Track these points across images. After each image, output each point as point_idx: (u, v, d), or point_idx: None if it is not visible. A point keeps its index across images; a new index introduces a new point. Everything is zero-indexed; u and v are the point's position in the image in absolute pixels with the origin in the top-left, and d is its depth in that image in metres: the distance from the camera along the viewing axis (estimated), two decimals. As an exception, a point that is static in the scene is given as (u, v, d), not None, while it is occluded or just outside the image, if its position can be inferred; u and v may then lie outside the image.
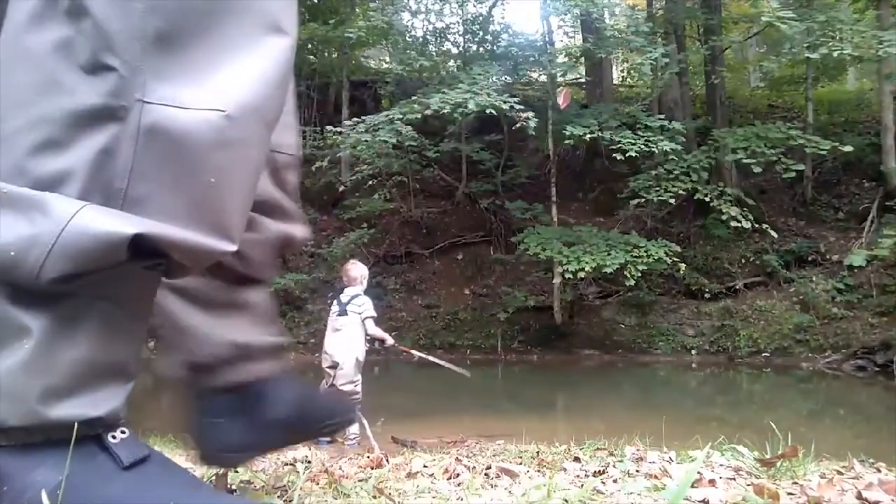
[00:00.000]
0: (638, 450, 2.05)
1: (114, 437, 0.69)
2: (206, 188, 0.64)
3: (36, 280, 0.59)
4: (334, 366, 4.61)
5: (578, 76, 18.23)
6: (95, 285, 0.63)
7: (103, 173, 0.61)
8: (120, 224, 0.60)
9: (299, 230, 1.09)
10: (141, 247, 0.61)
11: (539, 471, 1.74)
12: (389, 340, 5.07)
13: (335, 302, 4.87)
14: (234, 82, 0.64)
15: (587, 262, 10.13)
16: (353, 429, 4.54)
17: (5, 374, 0.61)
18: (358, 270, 4.96)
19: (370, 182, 14.04)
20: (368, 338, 4.83)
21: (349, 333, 4.69)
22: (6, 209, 0.60)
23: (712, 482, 1.41)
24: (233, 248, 0.69)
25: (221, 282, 1.02)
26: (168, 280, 0.80)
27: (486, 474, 1.57)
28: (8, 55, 0.64)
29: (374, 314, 4.85)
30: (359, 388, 4.71)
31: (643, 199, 11.05)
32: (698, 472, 1.42)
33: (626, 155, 10.13)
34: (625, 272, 10.15)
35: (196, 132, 0.62)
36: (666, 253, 10.31)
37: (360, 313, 4.73)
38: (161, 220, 0.62)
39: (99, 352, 0.65)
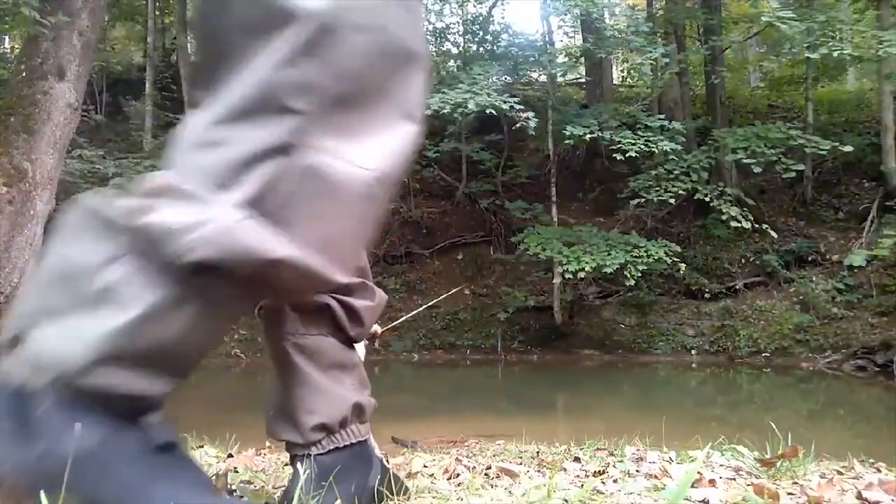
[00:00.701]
0: (638, 450, 2.05)
1: (151, 420, 0.75)
2: (343, 229, 0.78)
3: (176, 259, 0.68)
4: None
5: (578, 76, 18.22)
6: (213, 286, 0.71)
7: (265, 195, 0.72)
8: (273, 244, 0.71)
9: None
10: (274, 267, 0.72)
11: (539, 471, 1.74)
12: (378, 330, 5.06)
13: None
14: (381, 150, 0.79)
15: (587, 262, 10.13)
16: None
17: (98, 331, 0.68)
18: None
19: (370, 182, 14.03)
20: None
21: None
22: (182, 201, 0.70)
23: (712, 482, 1.41)
24: (344, 280, 0.86)
25: (341, 343, 1.14)
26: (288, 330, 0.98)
27: (486, 474, 1.57)
28: None
29: None
30: None
31: (643, 199, 11.05)
32: (698, 472, 1.42)
33: (626, 155, 10.13)
34: (625, 272, 10.15)
35: (349, 182, 0.75)
36: (666, 253, 10.31)
37: None
38: (299, 246, 0.73)
39: (178, 342, 0.72)
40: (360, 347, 4.22)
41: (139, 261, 0.69)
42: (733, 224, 10.39)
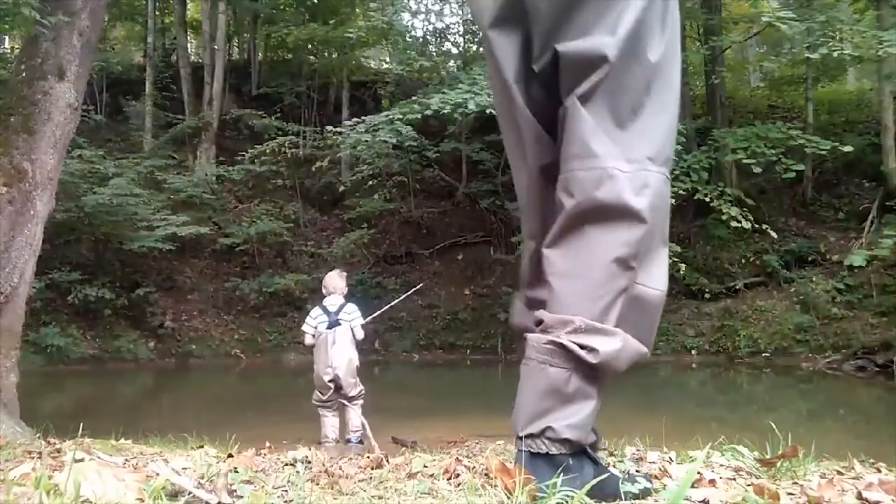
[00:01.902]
0: (638, 450, 2.05)
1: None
2: (652, 327, 1.23)
3: (602, 368, 1.18)
4: (336, 378, 4.61)
5: (578, 76, 18.20)
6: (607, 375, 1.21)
7: (626, 316, 1.19)
8: (639, 347, 1.20)
9: None
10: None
11: (539, 471, 1.74)
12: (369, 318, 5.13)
13: (321, 312, 4.80)
14: (661, 273, 1.23)
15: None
16: (364, 426, 4.62)
17: (585, 417, 1.20)
18: (343, 279, 5.01)
19: (370, 182, 14.04)
20: (359, 341, 4.84)
21: (345, 343, 4.70)
22: (602, 335, 1.17)
23: (712, 482, 1.41)
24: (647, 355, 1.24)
25: None
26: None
27: (486, 474, 1.57)
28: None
29: (363, 320, 4.87)
30: (362, 387, 4.76)
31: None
32: (698, 472, 1.42)
33: (626, 155, 10.10)
34: (625, 272, 10.12)
35: (656, 302, 1.22)
36: (666, 253, 10.29)
37: (350, 321, 4.75)
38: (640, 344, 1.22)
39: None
40: (357, 409, 4.16)
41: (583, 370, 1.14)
42: (733, 224, 10.38)
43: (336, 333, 4.68)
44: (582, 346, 1.11)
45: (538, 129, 1.24)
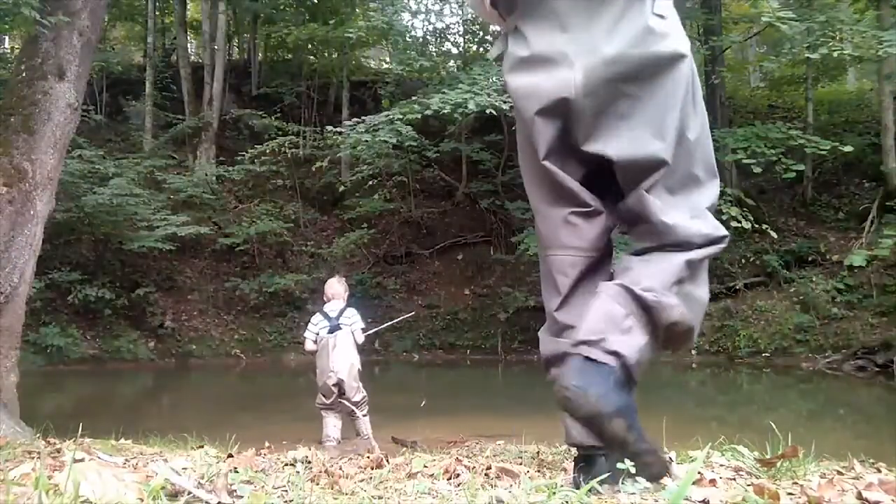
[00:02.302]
0: (638, 450, 2.05)
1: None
2: (699, 318, 1.45)
3: (662, 323, 1.37)
4: (339, 382, 4.62)
5: (578, 76, 18.19)
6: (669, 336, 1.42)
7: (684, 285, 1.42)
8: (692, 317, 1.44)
9: None
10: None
11: (539, 471, 1.74)
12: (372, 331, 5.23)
13: (322, 318, 4.83)
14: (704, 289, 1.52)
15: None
16: (367, 426, 4.66)
17: (639, 343, 1.36)
18: (343, 285, 5.06)
19: (370, 182, 14.04)
20: (359, 345, 4.88)
21: (346, 347, 4.72)
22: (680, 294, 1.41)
23: (712, 482, 1.41)
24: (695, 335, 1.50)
25: None
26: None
27: (486, 474, 1.57)
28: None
29: (363, 325, 4.90)
30: (365, 393, 4.80)
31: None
32: (698, 472, 1.42)
33: (626, 155, 10.10)
34: (625, 272, 10.12)
35: (702, 302, 1.47)
36: (666, 253, 10.29)
37: (351, 326, 4.78)
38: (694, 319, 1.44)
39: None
40: (366, 421, 4.19)
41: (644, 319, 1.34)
42: (733, 224, 10.36)
43: (337, 338, 4.70)
44: (645, 290, 1.33)
45: (567, 180, 1.45)
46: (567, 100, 1.36)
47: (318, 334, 4.78)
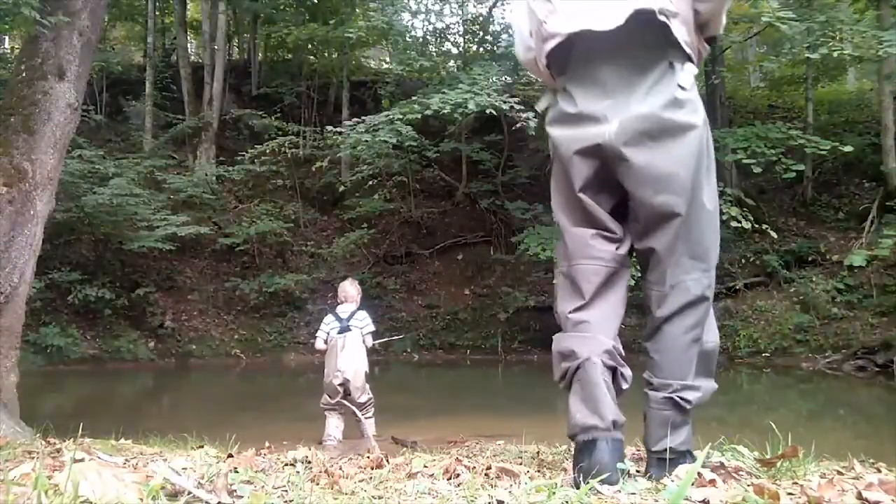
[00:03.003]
0: (638, 450, 2.05)
1: None
2: (714, 365, 1.76)
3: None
4: (345, 382, 4.68)
5: (578, 76, 18.18)
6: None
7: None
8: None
9: None
10: None
11: (539, 471, 1.74)
12: (376, 342, 5.23)
13: (333, 319, 4.90)
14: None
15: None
16: (371, 429, 4.70)
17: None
18: (356, 288, 5.15)
19: (370, 182, 14.03)
20: (368, 349, 4.93)
21: (354, 348, 4.78)
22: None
23: (712, 482, 1.41)
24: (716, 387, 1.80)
25: None
26: None
27: (486, 474, 1.57)
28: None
29: (374, 328, 4.97)
30: (371, 395, 4.84)
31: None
32: (698, 473, 1.42)
33: (626, 155, 10.09)
34: (625, 272, 10.11)
35: (715, 350, 1.76)
36: (666, 253, 10.28)
37: (361, 328, 4.85)
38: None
39: None
40: (370, 424, 4.25)
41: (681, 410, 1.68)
42: (733, 224, 10.36)
43: (346, 339, 4.77)
44: (681, 399, 1.64)
45: (597, 210, 1.71)
46: (601, 145, 1.62)
47: (328, 334, 4.84)
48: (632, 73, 1.63)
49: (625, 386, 1.66)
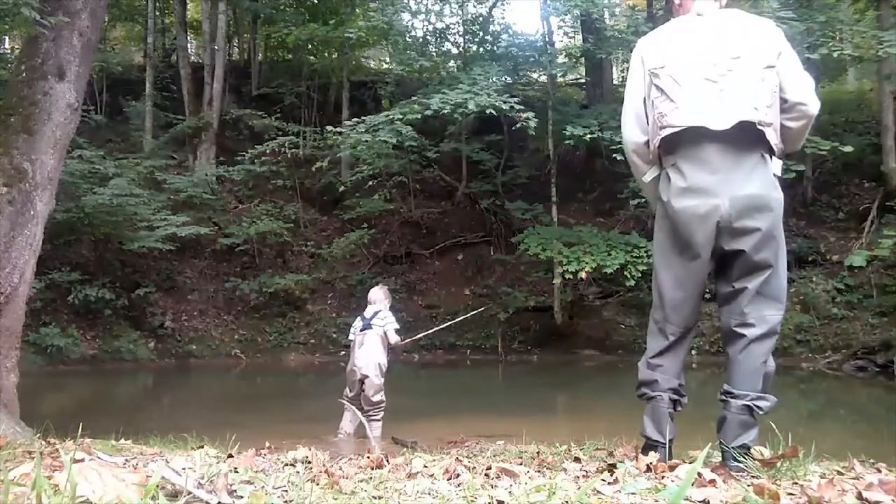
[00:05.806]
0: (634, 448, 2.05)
1: None
2: (770, 382, 2.13)
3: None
4: (363, 379, 4.81)
5: (578, 76, 18.21)
6: None
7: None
8: None
9: None
10: None
11: (539, 471, 1.74)
12: (405, 342, 5.43)
13: (359, 320, 5.11)
14: None
15: (587, 263, 10.12)
16: (377, 431, 4.75)
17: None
18: (384, 292, 5.35)
19: (370, 182, 14.03)
20: (391, 347, 5.04)
21: (373, 345, 4.90)
22: None
23: (712, 482, 1.41)
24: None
25: None
26: None
27: (486, 474, 1.57)
28: None
29: (398, 325, 5.10)
30: (384, 397, 4.90)
31: (643, 199, 11.03)
32: (698, 472, 1.42)
33: (627, 155, 10.12)
34: (625, 272, 10.14)
35: (774, 371, 2.17)
36: (666, 253, 10.29)
37: (382, 325, 4.98)
38: None
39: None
40: (378, 427, 4.26)
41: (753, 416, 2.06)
42: (733, 224, 10.37)
43: (366, 336, 4.93)
44: (756, 406, 2.03)
45: (703, 273, 2.23)
46: (718, 216, 2.07)
47: (354, 333, 5.07)
48: (734, 158, 2.09)
49: (680, 408, 2.20)
